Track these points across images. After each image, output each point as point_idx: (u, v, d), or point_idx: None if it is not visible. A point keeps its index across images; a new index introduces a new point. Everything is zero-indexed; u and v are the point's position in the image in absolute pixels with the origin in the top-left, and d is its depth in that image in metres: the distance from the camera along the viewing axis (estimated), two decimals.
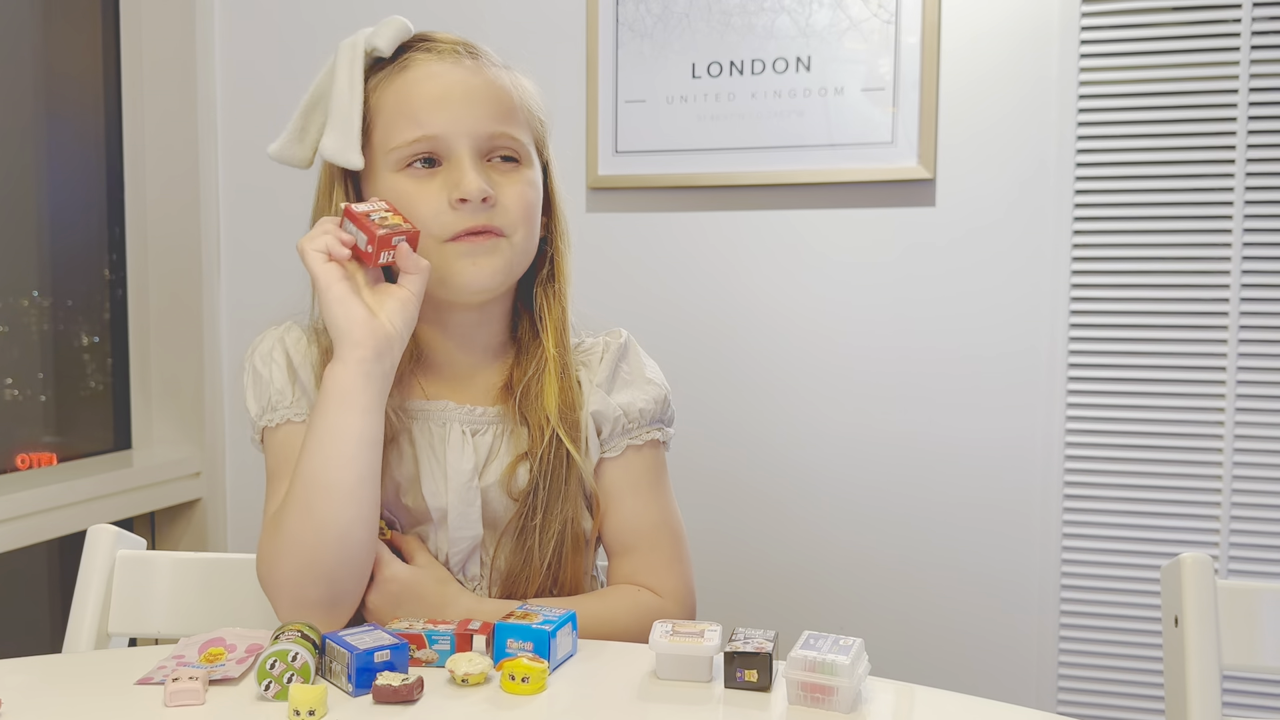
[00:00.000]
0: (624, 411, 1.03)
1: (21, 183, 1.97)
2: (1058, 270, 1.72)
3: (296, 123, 1.01)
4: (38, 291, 2.00)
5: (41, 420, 2.02)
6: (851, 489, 1.84)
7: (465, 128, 0.96)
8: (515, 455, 0.99)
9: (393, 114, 0.97)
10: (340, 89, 0.97)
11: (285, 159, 1.02)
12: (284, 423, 1.00)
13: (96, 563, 1.06)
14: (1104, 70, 1.68)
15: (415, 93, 0.97)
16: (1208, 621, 0.92)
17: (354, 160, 0.96)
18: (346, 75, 0.97)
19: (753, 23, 1.81)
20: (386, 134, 0.97)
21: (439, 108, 0.96)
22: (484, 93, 0.98)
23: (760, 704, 0.79)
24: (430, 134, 0.96)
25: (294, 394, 1.00)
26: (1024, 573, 1.76)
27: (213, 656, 0.86)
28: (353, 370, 0.89)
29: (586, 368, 1.05)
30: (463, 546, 1.00)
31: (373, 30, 0.98)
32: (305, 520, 0.90)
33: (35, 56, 1.99)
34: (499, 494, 0.99)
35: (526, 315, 1.06)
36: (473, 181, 0.94)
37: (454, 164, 0.96)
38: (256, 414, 1.02)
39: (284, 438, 0.99)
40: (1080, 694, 1.74)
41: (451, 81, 0.97)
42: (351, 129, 0.96)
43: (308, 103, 1.01)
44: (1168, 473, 1.69)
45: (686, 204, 1.88)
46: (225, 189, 2.09)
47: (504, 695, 0.80)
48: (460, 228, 0.95)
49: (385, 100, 0.98)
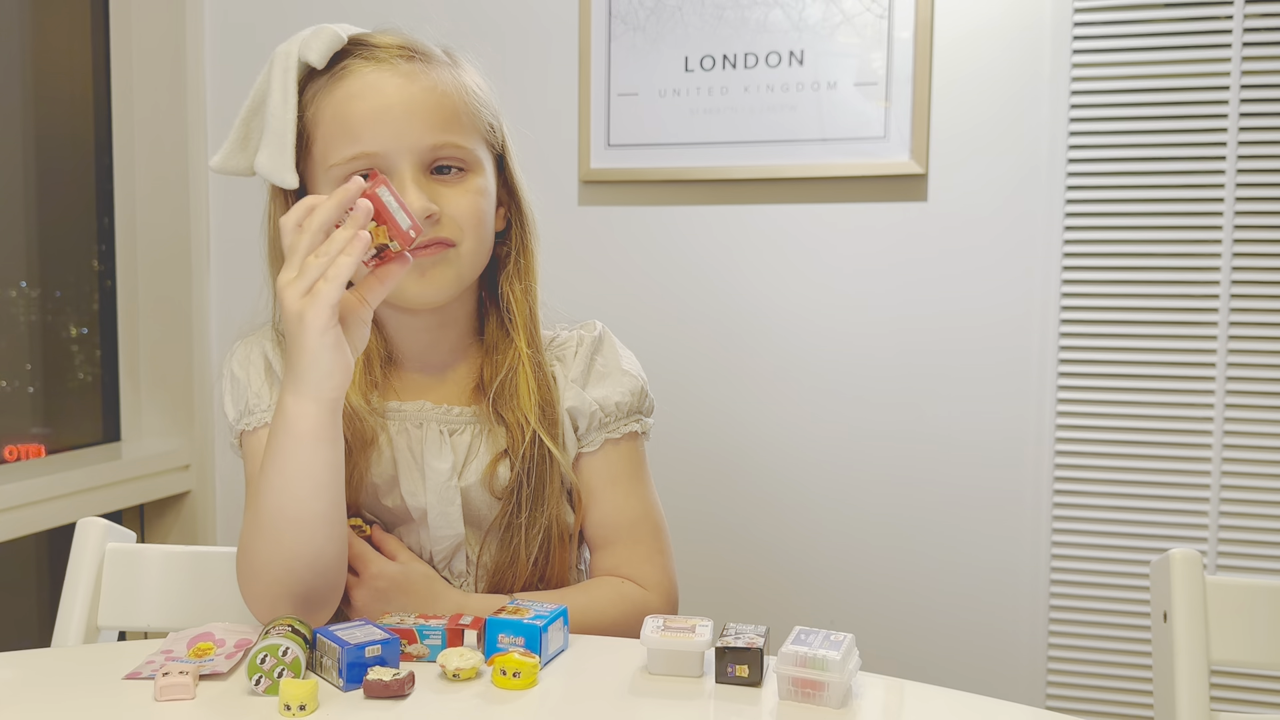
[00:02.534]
0: (600, 406, 1.02)
1: (9, 172, 1.95)
2: (1048, 266, 1.73)
3: (238, 131, 0.96)
4: (25, 282, 1.99)
5: (30, 412, 2.01)
6: (842, 484, 1.84)
7: (406, 143, 0.92)
8: (495, 454, 0.99)
9: (330, 128, 0.93)
10: (274, 102, 0.92)
11: (229, 170, 0.97)
12: (261, 426, 0.99)
13: (86, 556, 1.06)
14: (1096, 66, 1.68)
15: (352, 108, 0.92)
16: (1196, 617, 0.93)
17: (288, 180, 0.92)
18: (280, 88, 0.93)
19: (746, 16, 1.80)
20: (325, 149, 0.94)
21: (377, 123, 0.92)
22: (425, 103, 0.93)
23: (751, 699, 0.79)
24: (369, 151, 0.92)
25: (271, 398, 1.00)
26: (1014, 568, 1.77)
27: (201, 651, 0.85)
28: (326, 408, 0.86)
29: (561, 362, 1.04)
30: (445, 545, 1.00)
31: (304, 40, 0.94)
32: (276, 551, 0.88)
33: (23, 46, 1.98)
34: (481, 492, 0.99)
35: (495, 311, 1.04)
36: (415, 198, 0.91)
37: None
38: (234, 418, 1.02)
39: (261, 441, 0.98)
40: (1069, 689, 1.75)
41: (389, 93, 0.92)
42: (285, 147, 0.92)
43: (248, 109, 0.96)
44: (1157, 469, 1.70)
45: (679, 198, 1.88)
46: (214, 180, 2.08)
47: (495, 690, 0.80)
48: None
49: (323, 113, 0.94)
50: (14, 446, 1.95)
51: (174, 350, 2.08)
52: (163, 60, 2.05)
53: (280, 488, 0.87)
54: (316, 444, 0.86)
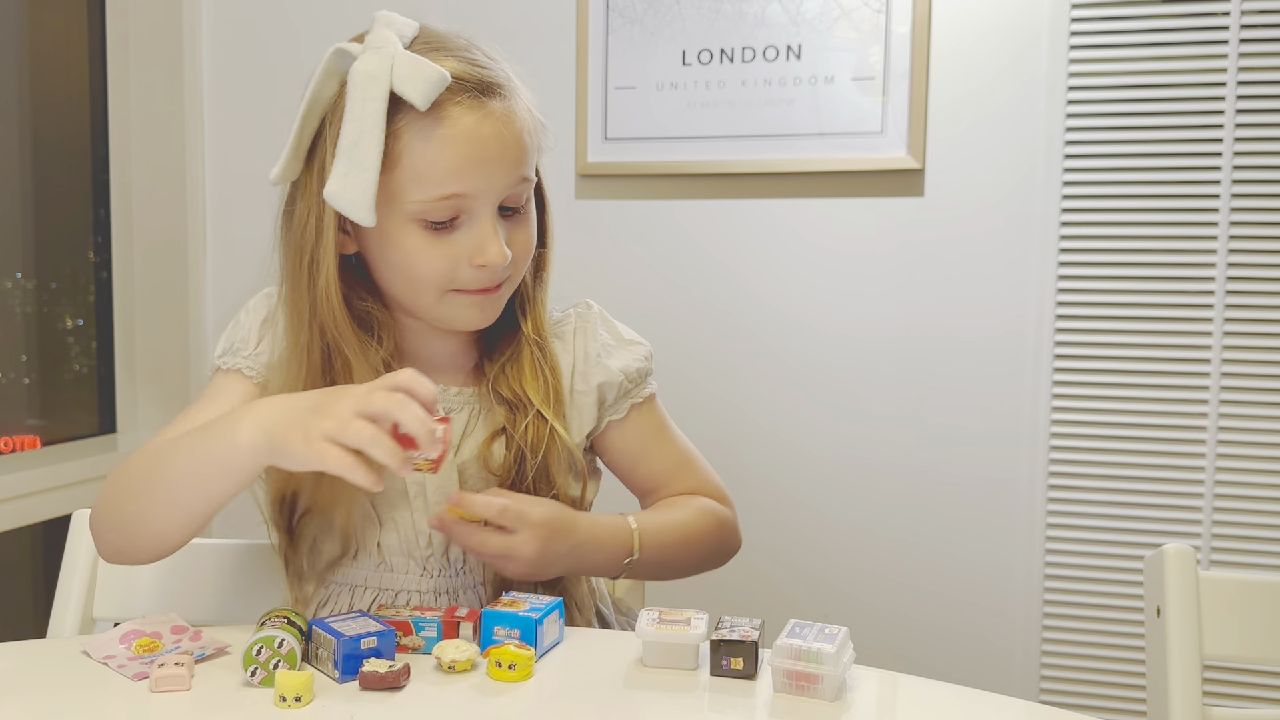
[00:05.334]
0: (625, 376, 1.06)
1: (5, 164, 1.95)
2: (1044, 262, 1.73)
3: (295, 139, 0.93)
4: (21, 273, 1.99)
5: (25, 403, 2.01)
6: (836, 476, 1.84)
7: (494, 186, 0.93)
8: (491, 431, 1.00)
9: (420, 166, 0.90)
10: (357, 130, 0.88)
11: (290, 180, 0.95)
12: (233, 370, 1.00)
13: (81, 547, 1.06)
14: (1093, 62, 1.68)
15: (450, 151, 0.90)
16: (1190, 612, 0.93)
17: (366, 219, 0.89)
18: (362, 113, 0.88)
19: (743, 10, 1.80)
20: (407, 183, 0.91)
21: (473, 169, 0.91)
22: (512, 147, 0.93)
23: (745, 691, 0.80)
24: (459, 193, 0.91)
25: (255, 348, 1.01)
26: (1008, 562, 1.77)
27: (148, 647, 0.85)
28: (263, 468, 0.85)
29: (561, 339, 1.06)
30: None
31: (401, 74, 0.88)
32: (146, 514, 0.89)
33: (20, 38, 1.97)
34: (478, 470, 0.99)
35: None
36: (498, 251, 0.92)
37: (476, 224, 0.92)
38: (218, 353, 1.03)
39: (226, 382, 1.00)
40: (1063, 683, 1.75)
41: (487, 138, 0.91)
42: (369, 185, 0.88)
43: (305, 113, 0.92)
44: (1151, 464, 1.70)
45: (676, 191, 1.88)
46: (211, 171, 2.08)
47: (491, 682, 0.80)
48: (472, 286, 0.94)
49: (413, 147, 0.90)
50: (9, 438, 1.94)
51: (170, 342, 2.08)
52: (159, 51, 2.05)
53: (191, 466, 0.86)
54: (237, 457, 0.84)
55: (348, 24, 1.03)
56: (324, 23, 1.99)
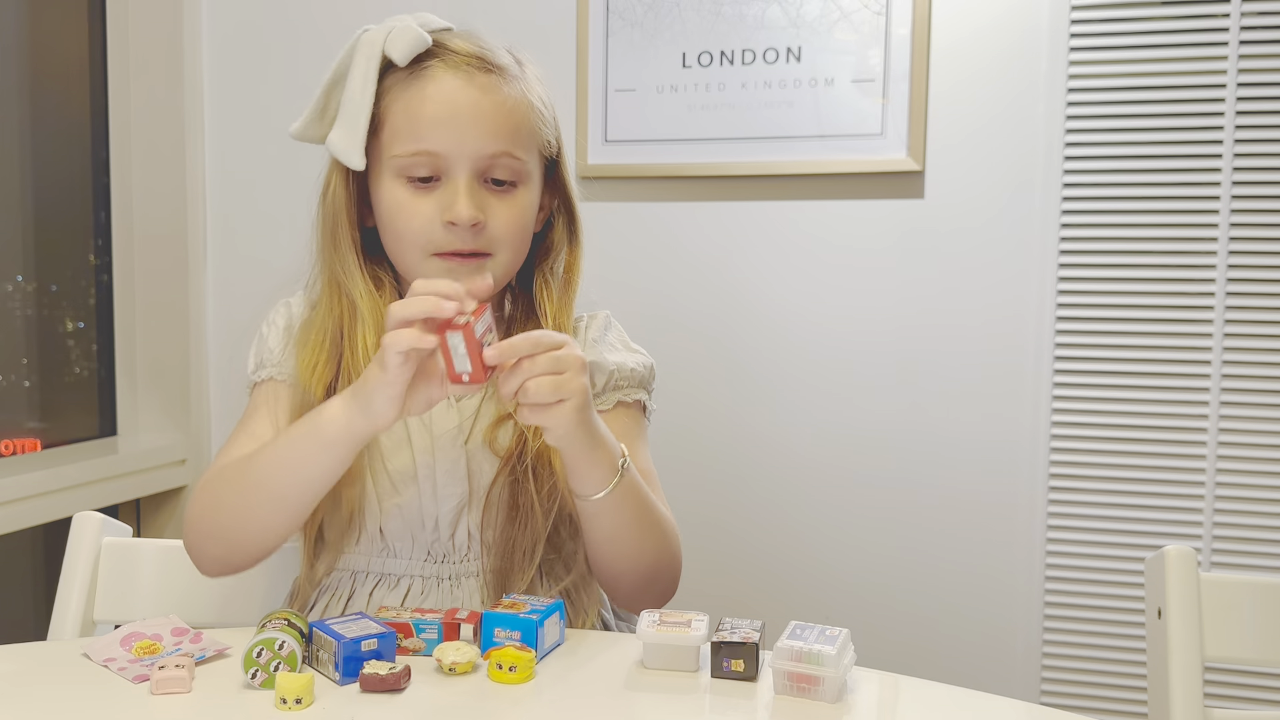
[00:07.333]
0: (618, 368, 1.06)
1: (6, 166, 1.95)
2: (1044, 264, 1.73)
3: (319, 101, 1.02)
4: (22, 276, 1.99)
5: (26, 406, 2.01)
6: (838, 480, 1.84)
7: (467, 149, 0.97)
8: (498, 415, 1.02)
9: (400, 122, 0.98)
10: (354, 87, 0.98)
11: (306, 137, 1.03)
12: (267, 380, 1.05)
13: (82, 550, 1.06)
14: (1093, 64, 1.68)
15: (425, 109, 0.98)
16: (1190, 614, 0.93)
17: (355, 162, 0.98)
18: (361, 74, 0.98)
19: (743, 12, 1.80)
20: (391, 139, 0.99)
21: (445, 127, 0.97)
22: (492, 115, 0.98)
23: (746, 693, 0.80)
24: (431, 150, 0.98)
25: (283, 353, 1.05)
26: (1009, 564, 1.77)
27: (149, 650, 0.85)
28: (358, 438, 0.90)
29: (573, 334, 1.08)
30: (451, 505, 1.01)
31: (391, 35, 0.98)
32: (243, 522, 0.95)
33: (20, 39, 1.98)
34: (484, 454, 1.01)
35: (523, 295, 1.08)
36: (465, 208, 0.97)
37: (450, 184, 0.98)
38: (250, 370, 1.07)
39: (265, 392, 1.04)
40: (1064, 685, 1.75)
41: (462, 101, 0.98)
42: (358, 131, 0.98)
43: (329, 82, 1.01)
44: (1152, 465, 1.70)
45: (676, 194, 1.88)
46: (211, 174, 2.08)
47: (491, 684, 0.80)
48: (447, 248, 0.99)
49: (396, 106, 0.99)
50: (10, 441, 1.94)
51: (170, 345, 2.08)
52: (160, 53, 2.04)
53: (282, 467, 0.92)
54: (332, 430, 0.89)
55: (348, 24, 1.04)
56: (324, 24, 1.99)
